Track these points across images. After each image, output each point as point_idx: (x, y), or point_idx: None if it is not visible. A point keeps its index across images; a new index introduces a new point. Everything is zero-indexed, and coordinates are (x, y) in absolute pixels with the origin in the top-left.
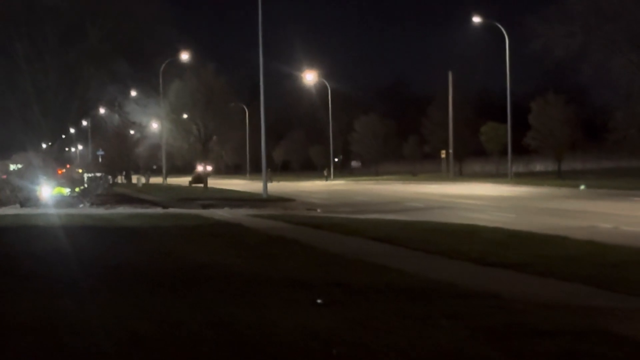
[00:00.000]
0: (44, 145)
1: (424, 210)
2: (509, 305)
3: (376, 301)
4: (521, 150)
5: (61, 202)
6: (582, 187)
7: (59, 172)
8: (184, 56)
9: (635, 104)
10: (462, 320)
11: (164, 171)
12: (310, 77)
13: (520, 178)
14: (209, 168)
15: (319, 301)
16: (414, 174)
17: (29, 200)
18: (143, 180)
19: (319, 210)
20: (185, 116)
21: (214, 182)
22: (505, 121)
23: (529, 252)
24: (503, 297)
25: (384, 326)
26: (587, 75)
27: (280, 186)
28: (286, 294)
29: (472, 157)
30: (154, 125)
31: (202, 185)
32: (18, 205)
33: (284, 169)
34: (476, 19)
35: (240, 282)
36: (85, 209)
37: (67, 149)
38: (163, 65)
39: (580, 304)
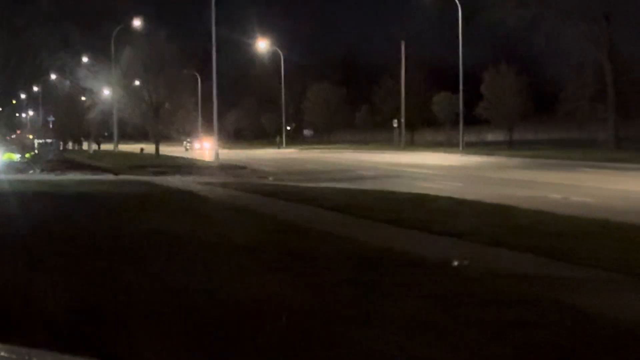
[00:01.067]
0: None
1: (375, 178)
2: (459, 274)
3: (327, 268)
4: (473, 120)
5: (11, 167)
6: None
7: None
8: (136, 23)
9: (586, 76)
10: (411, 288)
11: (115, 138)
12: (263, 45)
13: (472, 148)
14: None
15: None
16: (366, 143)
17: None
18: (94, 146)
19: (270, 179)
20: (137, 83)
21: (165, 150)
22: (457, 91)
23: (479, 221)
24: (453, 266)
25: (334, 294)
26: (539, 46)
27: (232, 154)
28: (237, 261)
29: (424, 126)
30: (106, 92)
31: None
32: None
33: (237, 137)
34: None
35: (191, 249)
36: (36, 175)
37: (17, 114)
38: (115, 31)
39: (529, 273)
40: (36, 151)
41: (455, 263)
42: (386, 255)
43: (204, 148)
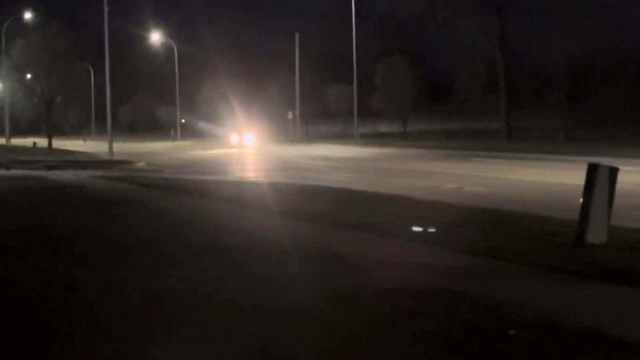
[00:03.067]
0: None
1: (271, 170)
2: (354, 265)
3: (220, 261)
4: (368, 112)
5: None
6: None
7: None
8: (28, 14)
9: (478, 66)
10: (306, 281)
11: (7, 132)
12: (156, 37)
13: (367, 139)
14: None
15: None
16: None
17: None
18: None
19: (164, 172)
20: (28, 76)
21: (59, 143)
22: (352, 83)
23: (375, 212)
24: (347, 257)
25: (228, 286)
26: (432, 37)
27: (127, 147)
28: (130, 255)
29: (319, 118)
30: None
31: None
32: None
33: (131, 130)
34: None
35: (83, 243)
36: None
37: None
38: (6, 23)
39: (425, 263)
40: None
41: (350, 255)
42: (274, 248)
43: (245, 141)
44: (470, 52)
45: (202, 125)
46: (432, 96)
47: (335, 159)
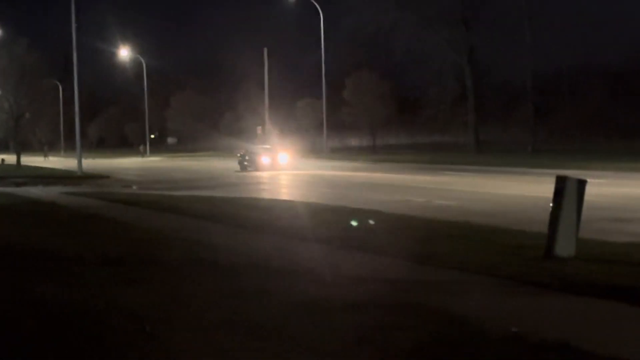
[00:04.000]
0: None
1: (238, 185)
2: (321, 279)
3: (189, 277)
4: (337, 126)
5: None
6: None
7: None
8: None
9: (446, 80)
10: (273, 296)
11: None
12: (125, 53)
13: (336, 153)
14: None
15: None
16: (231, 150)
17: None
18: None
19: (134, 187)
20: None
21: (27, 160)
22: (321, 97)
23: (339, 226)
24: (314, 272)
25: (197, 302)
26: (401, 52)
27: (96, 163)
28: (100, 271)
29: (289, 132)
30: None
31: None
32: None
33: (100, 146)
34: None
35: (54, 260)
36: None
37: None
38: None
39: (392, 277)
40: None
41: (317, 269)
42: (247, 263)
43: (278, 162)
44: (438, 67)
45: (170, 140)
46: (401, 110)
47: (305, 174)
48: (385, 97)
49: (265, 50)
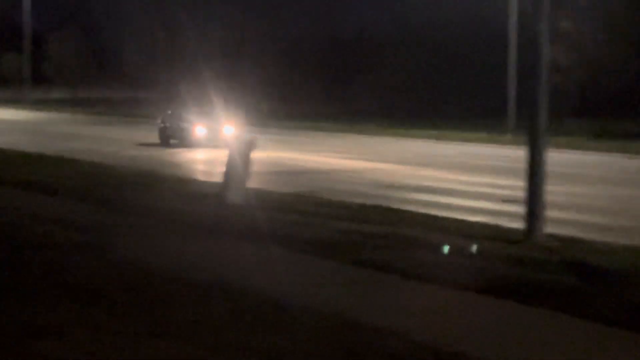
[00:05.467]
0: None
1: None
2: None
3: None
4: (41, 79)
5: None
6: None
7: None
8: None
9: (141, 40)
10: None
11: None
12: None
13: (41, 104)
14: None
15: None
16: None
17: None
18: None
19: None
20: None
21: None
22: (24, 51)
23: (41, 172)
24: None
25: None
26: (100, 10)
27: None
28: None
29: None
30: None
31: None
32: None
33: None
34: None
35: None
36: None
37: None
38: None
39: (78, 220)
40: None
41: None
42: None
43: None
44: (138, 25)
45: None
46: (102, 64)
47: (7, 122)
48: (85, 52)
49: None
